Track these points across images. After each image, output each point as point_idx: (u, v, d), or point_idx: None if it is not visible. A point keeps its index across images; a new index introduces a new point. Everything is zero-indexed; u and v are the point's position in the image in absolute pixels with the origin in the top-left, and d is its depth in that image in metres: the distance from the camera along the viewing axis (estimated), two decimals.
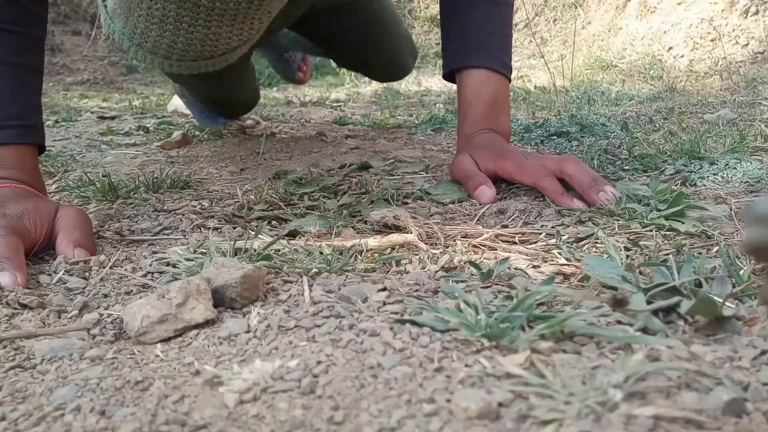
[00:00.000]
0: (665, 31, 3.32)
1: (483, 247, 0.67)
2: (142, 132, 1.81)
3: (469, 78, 1.00)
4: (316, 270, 0.59)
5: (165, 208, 0.89)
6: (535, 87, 2.72)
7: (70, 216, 0.70)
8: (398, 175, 1.09)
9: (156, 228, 0.78)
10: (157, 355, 0.45)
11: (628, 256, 0.63)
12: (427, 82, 3.66)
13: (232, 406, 0.37)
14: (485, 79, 0.99)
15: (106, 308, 0.54)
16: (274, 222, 0.81)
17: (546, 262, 0.62)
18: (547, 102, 2.17)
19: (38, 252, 0.68)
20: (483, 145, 0.95)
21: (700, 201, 0.84)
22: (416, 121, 1.86)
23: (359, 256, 0.65)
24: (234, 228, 0.78)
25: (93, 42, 4.59)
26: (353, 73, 3.65)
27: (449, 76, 1.07)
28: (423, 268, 0.60)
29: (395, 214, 0.75)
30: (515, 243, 0.70)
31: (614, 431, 0.32)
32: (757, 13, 3.01)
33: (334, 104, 2.62)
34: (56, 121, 2.07)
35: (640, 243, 0.67)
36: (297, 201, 0.90)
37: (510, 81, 1.04)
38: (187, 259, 0.63)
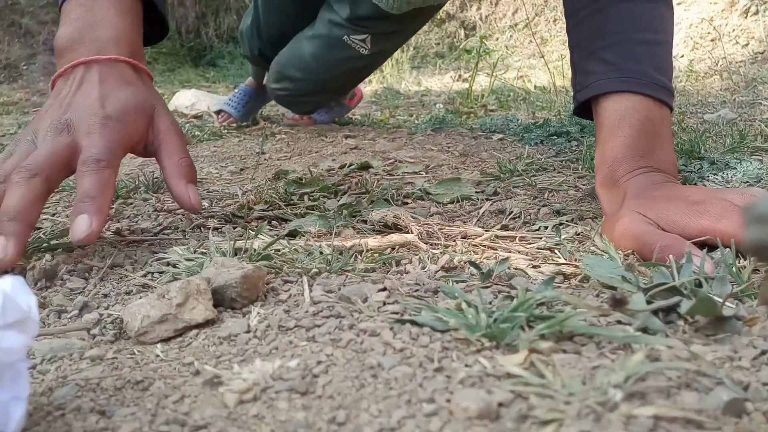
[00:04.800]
0: None
1: (483, 247, 0.67)
2: None
3: (607, 108, 0.76)
4: (316, 270, 0.59)
5: (165, 208, 0.89)
6: (535, 87, 2.73)
7: (173, 131, 0.63)
8: (398, 175, 1.09)
9: (156, 228, 0.78)
10: (157, 355, 0.45)
11: (628, 256, 0.63)
12: (427, 82, 3.66)
13: (232, 406, 0.37)
14: (634, 106, 0.74)
15: (106, 308, 0.54)
16: (274, 222, 0.81)
17: (546, 262, 0.62)
18: (547, 102, 2.17)
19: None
20: (647, 193, 0.68)
21: None
22: (416, 121, 1.86)
23: (359, 256, 0.65)
24: (234, 228, 0.78)
25: None
26: None
27: (583, 109, 0.82)
28: (423, 268, 0.60)
29: (395, 214, 0.75)
30: (515, 243, 0.70)
31: (614, 431, 0.32)
32: (757, 13, 3.01)
33: None
34: None
35: None
36: (297, 201, 0.90)
37: (672, 110, 0.76)
38: (187, 259, 0.63)
